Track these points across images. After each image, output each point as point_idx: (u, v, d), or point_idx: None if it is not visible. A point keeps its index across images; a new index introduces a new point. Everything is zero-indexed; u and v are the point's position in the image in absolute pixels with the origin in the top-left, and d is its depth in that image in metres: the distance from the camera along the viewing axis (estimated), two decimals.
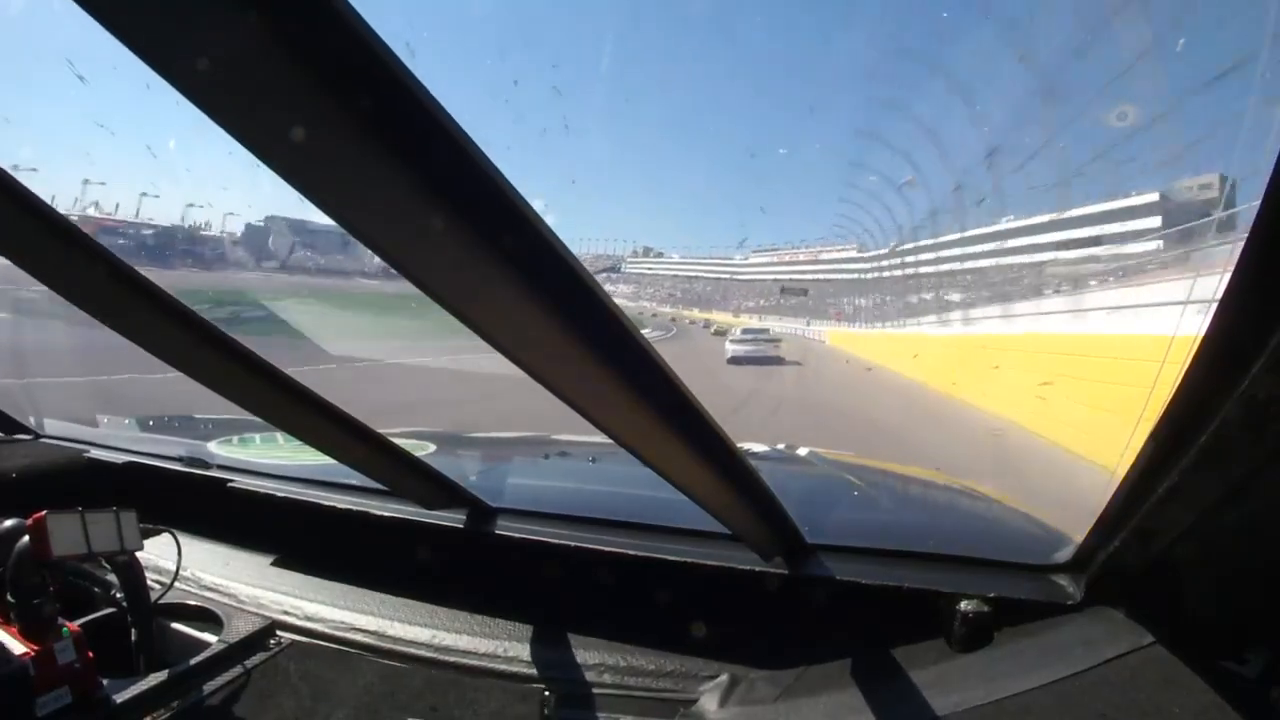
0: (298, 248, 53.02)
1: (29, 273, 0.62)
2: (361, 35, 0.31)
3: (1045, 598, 0.81)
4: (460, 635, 0.93)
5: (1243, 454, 0.52)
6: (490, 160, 0.37)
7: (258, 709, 0.82)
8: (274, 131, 0.34)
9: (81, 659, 0.75)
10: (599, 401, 0.57)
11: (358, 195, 0.38)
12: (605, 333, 0.48)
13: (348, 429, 0.85)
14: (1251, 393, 0.47)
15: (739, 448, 0.68)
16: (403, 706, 0.82)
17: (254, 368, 0.74)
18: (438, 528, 1.08)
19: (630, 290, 79.94)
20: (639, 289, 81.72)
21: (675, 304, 73.58)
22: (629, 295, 76.90)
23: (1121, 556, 0.72)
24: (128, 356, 0.92)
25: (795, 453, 1.95)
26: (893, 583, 0.85)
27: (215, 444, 1.52)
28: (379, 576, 1.09)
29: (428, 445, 1.57)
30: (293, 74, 0.32)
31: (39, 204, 0.58)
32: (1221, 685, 0.64)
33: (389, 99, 0.33)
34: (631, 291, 78.95)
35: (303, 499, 1.19)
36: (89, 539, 0.77)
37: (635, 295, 77.58)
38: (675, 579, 0.94)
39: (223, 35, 0.30)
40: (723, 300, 71.35)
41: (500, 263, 0.42)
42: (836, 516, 1.24)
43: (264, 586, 1.08)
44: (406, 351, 11.70)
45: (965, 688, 0.71)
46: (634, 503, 1.20)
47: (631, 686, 0.83)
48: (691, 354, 18.52)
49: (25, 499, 0.83)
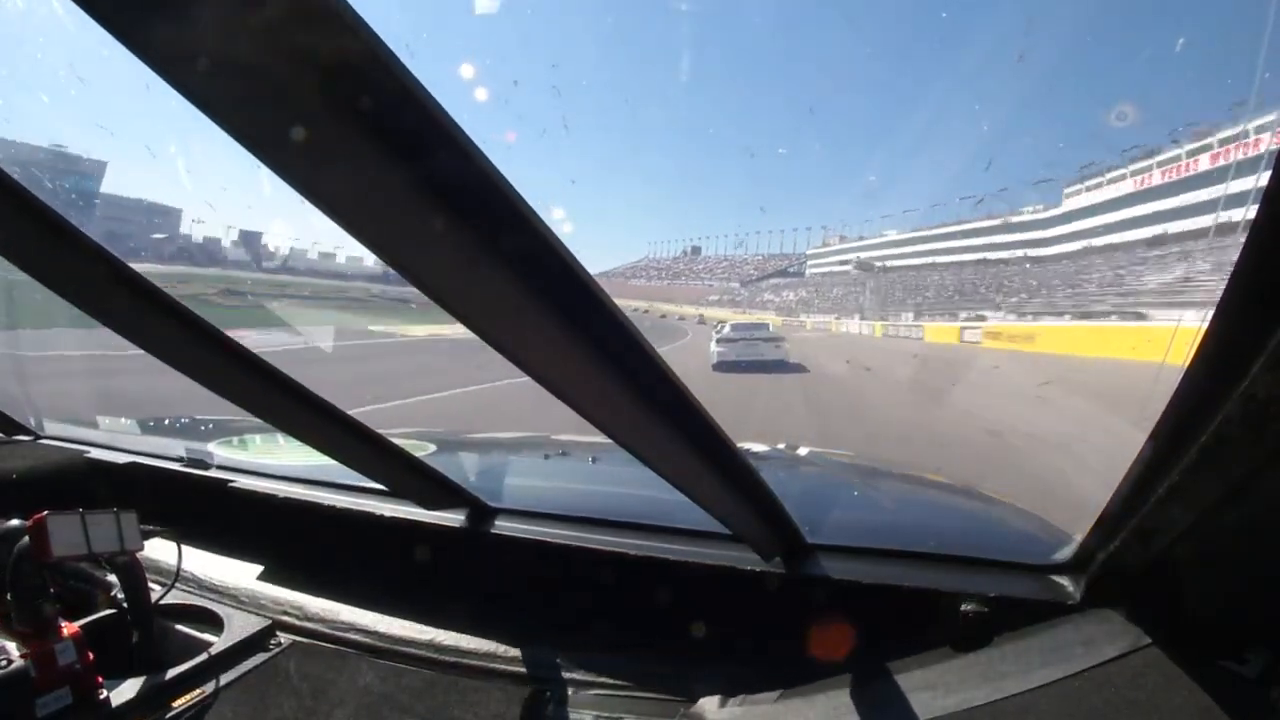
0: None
1: (28, 273, 0.62)
2: (361, 35, 0.31)
3: (1045, 598, 0.81)
4: (460, 635, 0.93)
5: (1243, 454, 0.52)
6: (490, 160, 0.36)
7: (258, 709, 0.82)
8: (274, 131, 0.34)
9: (81, 659, 0.75)
10: (599, 401, 0.57)
11: (358, 195, 0.38)
12: (605, 332, 0.48)
13: (348, 429, 0.85)
14: (1251, 393, 0.47)
15: (739, 448, 0.68)
16: (403, 707, 0.82)
17: (254, 368, 0.74)
18: (438, 528, 1.08)
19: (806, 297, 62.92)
20: (848, 294, 58.66)
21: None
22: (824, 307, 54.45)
23: (1121, 556, 0.72)
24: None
25: (795, 453, 1.95)
26: (893, 582, 0.85)
27: (215, 444, 1.52)
28: (379, 576, 1.09)
29: (428, 445, 1.57)
30: (293, 74, 0.32)
31: (38, 204, 0.58)
32: (1221, 685, 0.64)
33: (389, 99, 0.33)
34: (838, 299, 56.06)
35: (303, 499, 1.19)
36: (89, 539, 0.77)
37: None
38: (675, 579, 0.94)
39: (222, 35, 0.30)
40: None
41: (500, 263, 0.42)
42: (836, 516, 1.24)
43: (264, 586, 1.08)
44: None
45: (965, 688, 0.71)
46: (634, 503, 1.20)
47: (631, 687, 0.83)
48: None
49: (25, 499, 0.83)
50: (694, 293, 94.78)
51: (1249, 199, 22.75)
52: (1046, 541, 0.98)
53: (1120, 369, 11.49)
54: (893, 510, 1.53)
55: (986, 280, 47.36)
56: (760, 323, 16.49)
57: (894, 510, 1.53)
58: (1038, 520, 1.25)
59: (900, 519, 1.42)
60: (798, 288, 77.55)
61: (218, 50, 0.31)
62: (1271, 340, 0.44)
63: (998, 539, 1.25)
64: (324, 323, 24.31)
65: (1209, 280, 23.07)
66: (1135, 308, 24.35)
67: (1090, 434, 5.63)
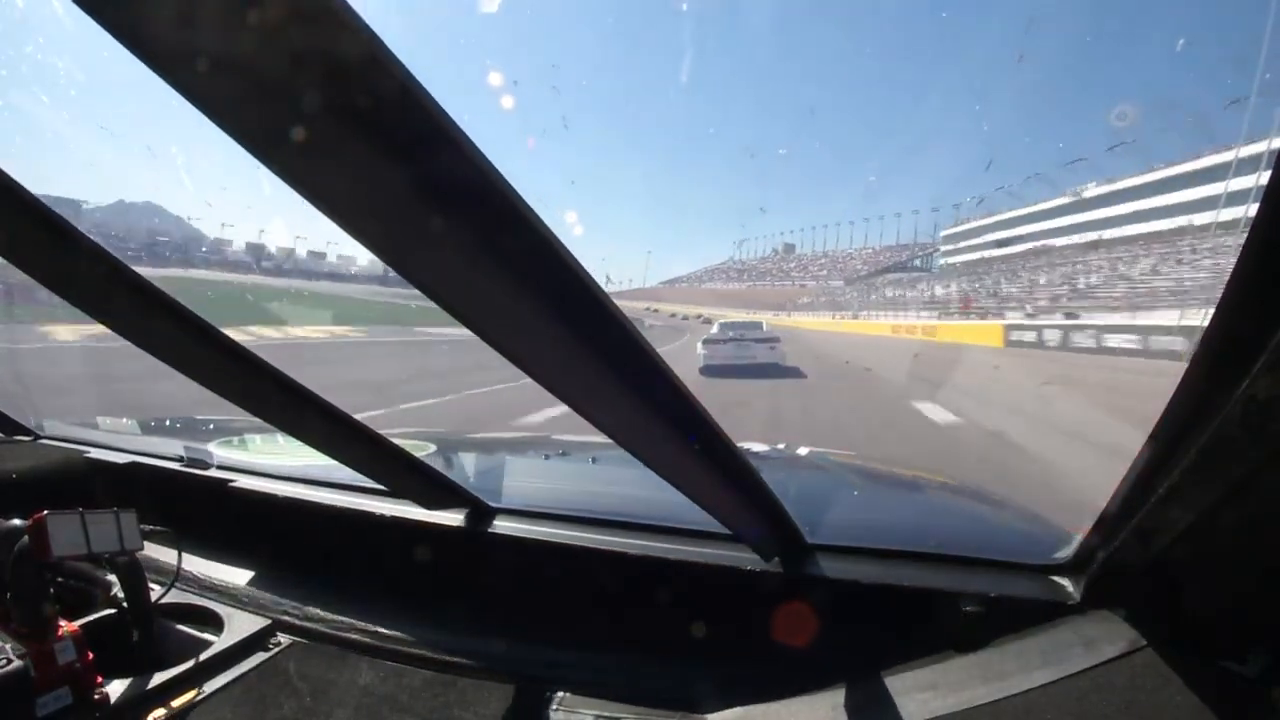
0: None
1: (26, 272, 0.62)
2: (362, 35, 0.31)
3: (1045, 598, 0.81)
4: (460, 635, 0.93)
5: (1243, 454, 0.52)
6: (490, 160, 0.36)
7: (258, 709, 0.82)
8: (274, 131, 0.34)
9: (81, 659, 0.75)
10: (599, 401, 0.57)
11: (358, 195, 0.38)
12: (604, 332, 0.48)
13: (348, 429, 0.85)
14: (1251, 393, 0.47)
15: (739, 447, 0.68)
16: (403, 707, 0.82)
17: (254, 367, 0.74)
18: (438, 528, 1.08)
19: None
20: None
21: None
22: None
23: (1121, 556, 0.72)
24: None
25: (795, 453, 1.95)
26: (893, 582, 0.85)
27: (215, 444, 1.52)
28: (379, 576, 1.09)
29: (428, 445, 1.57)
30: (293, 74, 0.32)
31: (37, 203, 0.58)
32: (1221, 685, 0.64)
33: (389, 99, 0.33)
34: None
35: (303, 499, 1.19)
36: (89, 539, 0.77)
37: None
38: (675, 579, 0.94)
39: (222, 35, 0.30)
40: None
41: (500, 263, 0.42)
42: (837, 516, 1.24)
43: (264, 587, 1.08)
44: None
45: (965, 688, 0.71)
46: (634, 502, 1.20)
47: (631, 686, 0.83)
48: None
49: (25, 499, 0.83)
50: (780, 296, 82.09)
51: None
52: (1046, 541, 0.98)
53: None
54: (893, 510, 1.53)
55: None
56: (754, 321, 14.84)
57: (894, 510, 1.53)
58: (1038, 520, 1.25)
59: (900, 519, 1.42)
60: (931, 281, 60.93)
61: (218, 50, 0.31)
62: (1271, 340, 0.44)
63: (998, 539, 1.25)
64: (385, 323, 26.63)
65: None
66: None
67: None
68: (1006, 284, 46.57)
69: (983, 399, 9.06)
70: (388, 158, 0.35)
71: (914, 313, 45.77)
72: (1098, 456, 4.57)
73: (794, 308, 60.40)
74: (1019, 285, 44.53)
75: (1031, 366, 14.63)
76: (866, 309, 54.02)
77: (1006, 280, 48.02)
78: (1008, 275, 49.27)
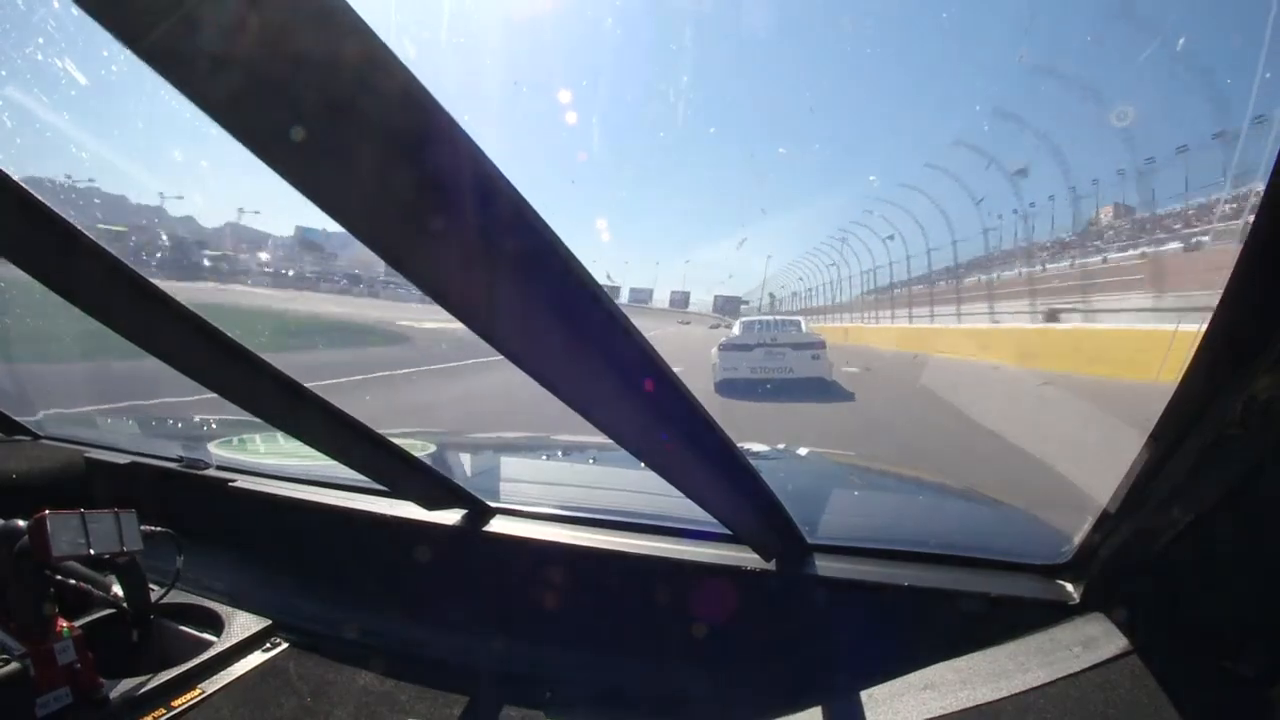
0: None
1: (30, 274, 0.62)
2: (361, 35, 0.31)
3: (1045, 598, 0.81)
4: (460, 635, 0.93)
5: (1243, 454, 0.52)
6: (491, 160, 0.37)
7: (257, 708, 0.82)
8: (274, 131, 0.34)
9: (81, 659, 0.75)
10: (599, 401, 0.57)
11: (358, 195, 0.38)
12: (605, 333, 0.48)
13: (348, 429, 0.85)
14: (1251, 393, 0.47)
15: (739, 448, 0.68)
16: (402, 707, 0.82)
17: (255, 368, 0.74)
18: (437, 528, 1.08)
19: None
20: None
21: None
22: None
23: (1121, 556, 0.73)
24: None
25: (795, 453, 1.95)
26: (893, 583, 0.85)
27: (215, 444, 1.52)
28: (378, 577, 1.09)
29: (428, 445, 1.57)
30: (293, 74, 0.32)
31: (38, 204, 0.58)
32: (1221, 685, 0.64)
33: (389, 99, 0.33)
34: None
35: (303, 499, 1.19)
36: (89, 539, 0.77)
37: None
38: (675, 579, 0.94)
39: (223, 35, 0.30)
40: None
41: (500, 263, 0.42)
42: (837, 516, 1.24)
43: (264, 587, 1.08)
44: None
45: (965, 688, 0.71)
46: (634, 503, 1.20)
47: (631, 686, 0.83)
48: None
49: (25, 499, 0.83)
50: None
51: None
52: (1046, 542, 0.98)
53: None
54: (893, 511, 1.53)
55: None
56: (788, 319, 10.66)
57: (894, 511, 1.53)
58: (1037, 521, 1.25)
59: (900, 519, 1.42)
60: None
61: (218, 50, 0.31)
62: (1271, 340, 0.45)
63: (998, 539, 1.24)
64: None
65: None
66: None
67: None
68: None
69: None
70: (388, 158, 0.35)
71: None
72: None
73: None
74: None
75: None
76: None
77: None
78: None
